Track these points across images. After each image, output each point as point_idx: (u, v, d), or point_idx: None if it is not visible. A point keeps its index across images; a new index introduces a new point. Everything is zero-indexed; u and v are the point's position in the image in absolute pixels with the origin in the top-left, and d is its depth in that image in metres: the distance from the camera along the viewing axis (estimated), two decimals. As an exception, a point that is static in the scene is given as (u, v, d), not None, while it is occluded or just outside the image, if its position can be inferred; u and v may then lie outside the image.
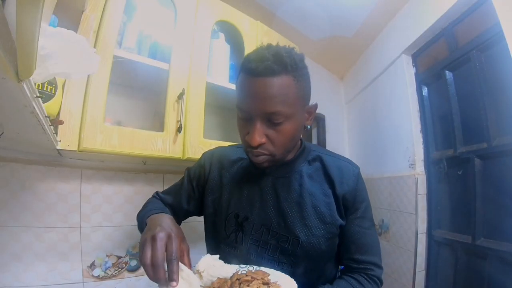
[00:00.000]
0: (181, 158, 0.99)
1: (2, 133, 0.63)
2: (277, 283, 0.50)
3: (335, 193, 0.64)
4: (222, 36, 1.24)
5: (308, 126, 0.64)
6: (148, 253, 0.46)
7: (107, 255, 1.06)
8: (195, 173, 0.76)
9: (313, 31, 1.65)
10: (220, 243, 0.68)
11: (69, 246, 0.99)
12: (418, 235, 1.33)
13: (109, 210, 1.09)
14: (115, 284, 1.06)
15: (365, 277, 0.64)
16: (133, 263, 1.11)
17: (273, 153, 0.58)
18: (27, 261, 0.92)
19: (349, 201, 0.64)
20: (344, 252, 0.67)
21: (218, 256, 0.57)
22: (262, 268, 0.56)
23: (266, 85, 0.53)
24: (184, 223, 0.77)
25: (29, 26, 0.28)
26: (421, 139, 1.43)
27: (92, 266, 1.02)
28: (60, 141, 0.77)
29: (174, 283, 0.45)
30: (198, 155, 1.03)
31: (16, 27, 0.27)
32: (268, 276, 0.52)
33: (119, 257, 1.09)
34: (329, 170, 0.66)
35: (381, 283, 0.66)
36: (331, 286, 0.62)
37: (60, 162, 1.00)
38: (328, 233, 0.63)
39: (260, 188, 0.66)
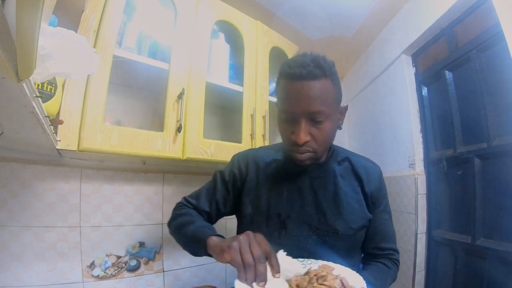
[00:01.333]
0: (181, 158, 0.99)
1: (2, 132, 0.63)
2: (345, 278, 0.52)
3: (363, 190, 0.73)
4: (222, 36, 1.24)
5: (341, 126, 0.71)
6: (245, 252, 0.49)
7: (106, 255, 1.06)
8: (229, 175, 0.78)
9: (313, 31, 1.65)
10: None
11: (69, 246, 0.99)
12: (418, 235, 1.33)
13: (109, 210, 1.09)
14: (114, 284, 1.06)
15: (390, 261, 0.74)
16: (133, 262, 1.11)
17: (316, 150, 0.64)
18: (27, 260, 0.92)
19: (375, 197, 0.74)
20: (370, 242, 0.76)
21: (285, 252, 0.59)
22: (325, 262, 0.59)
23: (310, 88, 0.60)
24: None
25: (29, 26, 0.28)
26: (421, 139, 1.43)
27: (91, 266, 1.02)
28: (60, 141, 0.77)
29: (279, 274, 0.49)
30: (198, 155, 1.03)
31: (16, 27, 0.27)
32: (333, 270, 0.55)
33: (118, 257, 1.09)
34: (357, 170, 0.75)
35: (399, 264, 0.77)
36: (369, 272, 0.68)
37: (60, 162, 1.00)
38: (361, 226, 0.71)
39: (298, 187, 0.72)
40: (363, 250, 0.78)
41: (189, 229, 0.66)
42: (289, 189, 0.72)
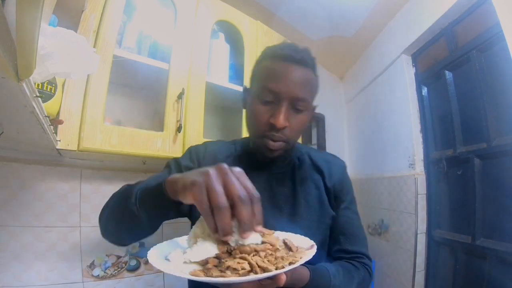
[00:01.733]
0: (181, 158, 0.99)
1: (2, 132, 0.63)
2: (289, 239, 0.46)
3: (325, 185, 0.68)
4: (222, 36, 1.24)
5: (309, 125, 0.68)
6: (215, 190, 0.36)
7: (106, 255, 1.06)
8: (186, 165, 0.68)
9: (313, 31, 1.65)
10: None
11: (69, 246, 0.99)
12: (418, 235, 1.33)
13: (109, 210, 1.09)
14: (114, 284, 1.06)
15: (358, 263, 0.65)
16: (133, 262, 1.11)
17: (289, 140, 0.61)
18: (27, 260, 0.92)
19: (337, 191, 0.69)
20: (334, 243, 0.68)
21: None
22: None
23: (301, 73, 0.59)
24: (185, 223, 0.77)
25: (29, 26, 0.28)
26: (421, 139, 1.43)
27: (91, 265, 1.02)
28: (60, 140, 0.77)
29: (260, 227, 0.38)
30: (198, 155, 1.03)
31: (16, 27, 0.27)
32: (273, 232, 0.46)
33: (118, 257, 1.09)
34: (317, 163, 0.71)
35: (372, 273, 0.67)
36: (332, 264, 0.61)
37: (60, 162, 1.00)
38: (322, 223, 0.66)
39: (255, 183, 0.64)
40: (328, 254, 0.69)
41: (134, 190, 0.50)
42: None
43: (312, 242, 0.48)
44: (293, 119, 0.60)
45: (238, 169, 0.40)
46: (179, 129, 0.97)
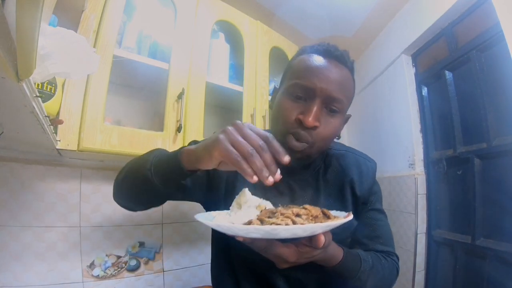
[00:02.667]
0: (181, 158, 0.99)
1: (2, 132, 0.63)
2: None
3: (354, 193, 0.63)
4: (222, 36, 1.24)
5: (340, 135, 0.61)
6: (239, 142, 0.38)
7: (106, 255, 1.06)
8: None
9: (313, 31, 1.64)
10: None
11: (69, 246, 0.99)
12: (418, 235, 1.33)
13: (109, 210, 1.09)
14: (114, 284, 1.06)
15: (387, 258, 0.63)
16: (133, 262, 1.11)
17: (313, 145, 0.54)
18: (26, 260, 0.92)
19: (366, 197, 0.65)
20: (361, 245, 0.64)
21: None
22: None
23: (340, 70, 0.54)
24: (184, 223, 0.77)
25: (29, 26, 0.28)
26: (420, 139, 1.43)
27: (91, 265, 1.02)
28: (59, 140, 0.77)
29: (287, 157, 0.39)
30: (198, 155, 1.03)
31: (16, 27, 0.27)
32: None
33: (118, 257, 1.09)
34: (347, 170, 0.64)
35: (398, 271, 0.65)
36: (364, 252, 0.59)
37: (59, 162, 1.00)
38: (343, 230, 0.62)
39: (275, 186, 0.62)
40: None
41: (151, 157, 0.49)
42: (264, 186, 0.61)
43: (348, 212, 0.47)
44: (325, 121, 0.53)
45: (247, 123, 0.42)
46: (179, 129, 0.97)
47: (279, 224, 0.37)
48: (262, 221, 0.40)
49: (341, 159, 0.66)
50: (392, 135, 1.57)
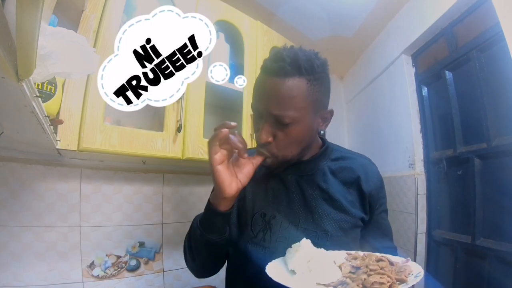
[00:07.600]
0: (181, 158, 0.99)
1: (2, 132, 0.63)
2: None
3: (361, 188, 0.67)
4: (222, 36, 1.24)
5: (322, 131, 0.66)
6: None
7: (106, 255, 1.06)
8: None
9: (313, 31, 1.64)
10: (246, 243, 0.66)
11: (69, 246, 0.99)
12: (418, 235, 1.33)
13: (109, 210, 1.09)
14: (114, 284, 1.06)
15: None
16: (133, 262, 1.11)
17: (276, 155, 0.59)
18: (26, 260, 0.92)
19: (374, 197, 0.68)
20: (369, 244, 0.69)
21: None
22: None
23: (277, 85, 0.55)
24: (184, 223, 0.77)
25: (29, 26, 0.28)
26: (420, 139, 1.43)
27: (91, 265, 1.02)
28: (59, 140, 0.77)
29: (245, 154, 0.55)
30: (198, 155, 1.03)
31: (16, 27, 0.27)
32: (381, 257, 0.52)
33: (118, 257, 1.09)
34: (353, 167, 0.69)
35: None
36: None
37: (59, 162, 1.00)
38: (352, 225, 0.66)
39: (285, 187, 0.68)
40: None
41: (196, 220, 0.63)
42: (275, 188, 0.68)
43: (403, 259, 0.51)
44: (280, 134, 0.57)
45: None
46: (179, 129, 0.97)
47: (382, 283, 0.42)
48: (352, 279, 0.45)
49: (347, 160, 0.71)
50: (392, 135, 1.57)
